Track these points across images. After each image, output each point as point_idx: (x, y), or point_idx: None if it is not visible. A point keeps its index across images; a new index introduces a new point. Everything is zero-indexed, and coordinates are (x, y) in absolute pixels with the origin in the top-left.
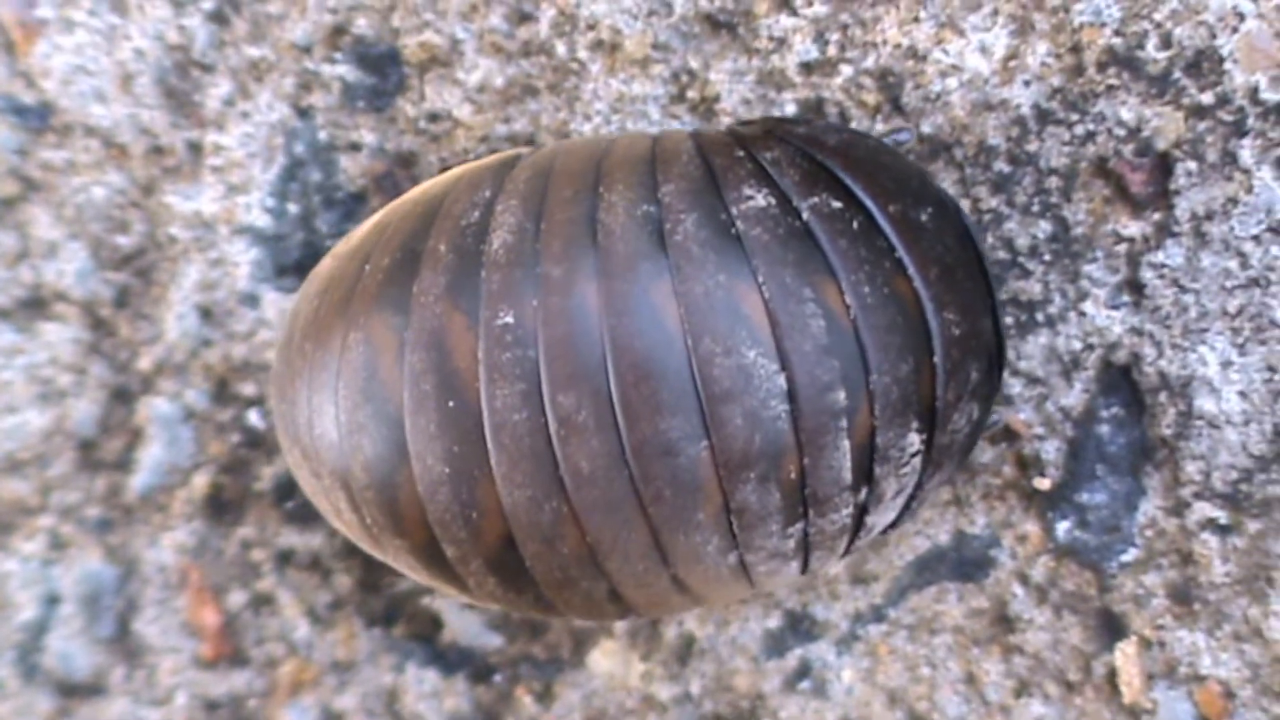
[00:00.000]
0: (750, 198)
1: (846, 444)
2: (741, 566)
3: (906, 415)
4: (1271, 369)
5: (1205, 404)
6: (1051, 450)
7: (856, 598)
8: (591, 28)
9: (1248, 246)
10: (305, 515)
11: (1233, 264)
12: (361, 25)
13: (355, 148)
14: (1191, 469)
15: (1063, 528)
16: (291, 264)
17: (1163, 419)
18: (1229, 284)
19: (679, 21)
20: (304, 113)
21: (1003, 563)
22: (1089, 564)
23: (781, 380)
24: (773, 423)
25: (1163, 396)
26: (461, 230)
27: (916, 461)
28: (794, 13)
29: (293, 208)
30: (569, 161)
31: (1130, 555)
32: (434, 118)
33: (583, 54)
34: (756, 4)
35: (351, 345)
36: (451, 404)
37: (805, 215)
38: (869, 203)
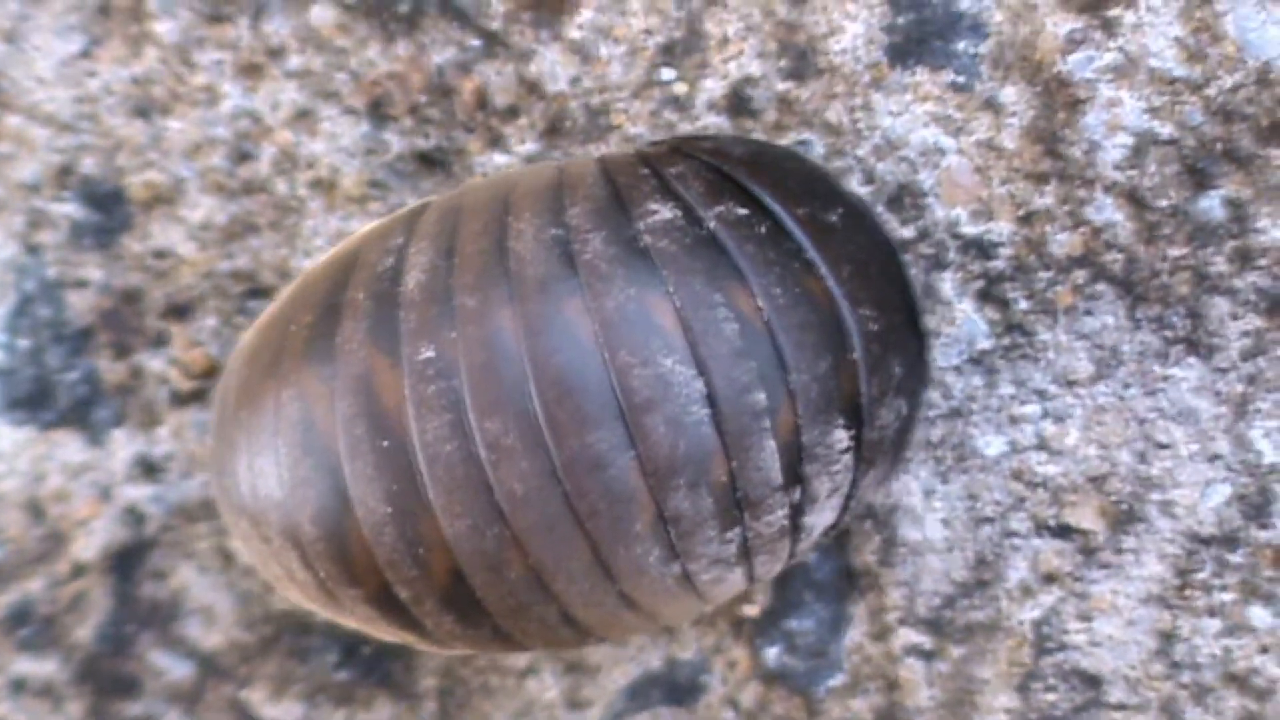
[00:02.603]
0: (655, 212)
1: (772, 444)
2: (685, 577)
3: (830, 412)
4: (973, 497)
5: (909, 532)
6: None
7: None
8: (311, 166)
9: (949, 377)
10: (38, 643)
11: (935, 395)
12: (88, 165)
13: (83, 284)
14: (896, 595)
15: (771, 653)
16: (24, 397)
17: (867, 546)
18: (931, 414)
19: (395, 160)
20: (33, 250)
21: (713, 688)
22: (797, 689)
23: (700, 385)
24: (696, 428)
25: (867, 525)
26: (377, 277)
27: (848, 459)
28: (506, 150)
29: (23, 343)
30: (477, 199)
31: (837, 680)
32: (159, 254)
33: (302, 191)
34: (470, 143)
35: (286, 403)
36: (385, 444)
37: (711, 224)
38: (775, 207)
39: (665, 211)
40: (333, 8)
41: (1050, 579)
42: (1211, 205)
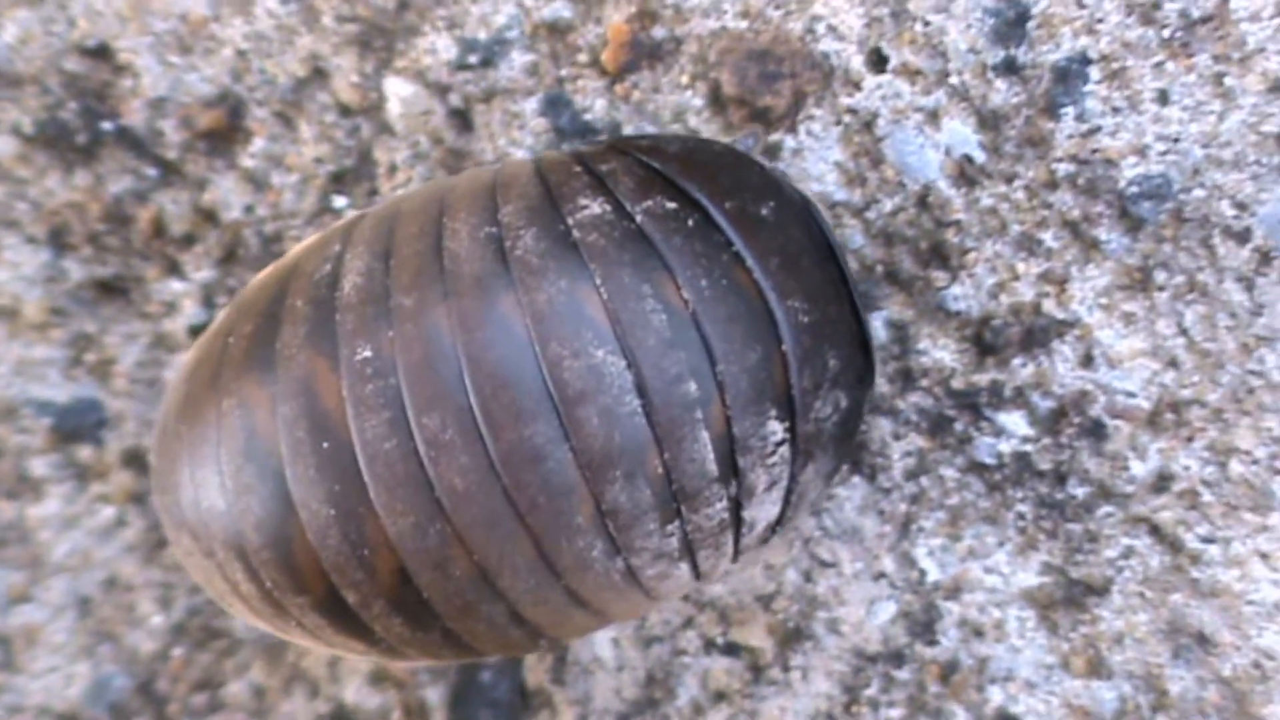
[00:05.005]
0: (585, 207)
1: (705, 435)
2: (630, 572)
3: (762, 404)
4: (642, 616)
5: (581, 651)
6: (436, 696)
7: None
8: None
9: None
10: None
11: None
12: None
13: None
14: (569, 714)
15: None
16: None
17: (541, 665)
18: None
19: (75, 287)
20: None
21: None
22: None
23: (631, 376)
24: (629, 418)
25: (541, 643)
26: (315, 284)
27: (784, 451)
28: (183, 278)
29: None
30: (413, 204)
31: None
32: None
33: None
34: (147, 270)
35: (227, 412)
36: (326, 445)
37: (639, 218)
38: (704, 200)
39: (595, 206)
40: (13, 139)
41: (720, 696)
42: (874, 327)
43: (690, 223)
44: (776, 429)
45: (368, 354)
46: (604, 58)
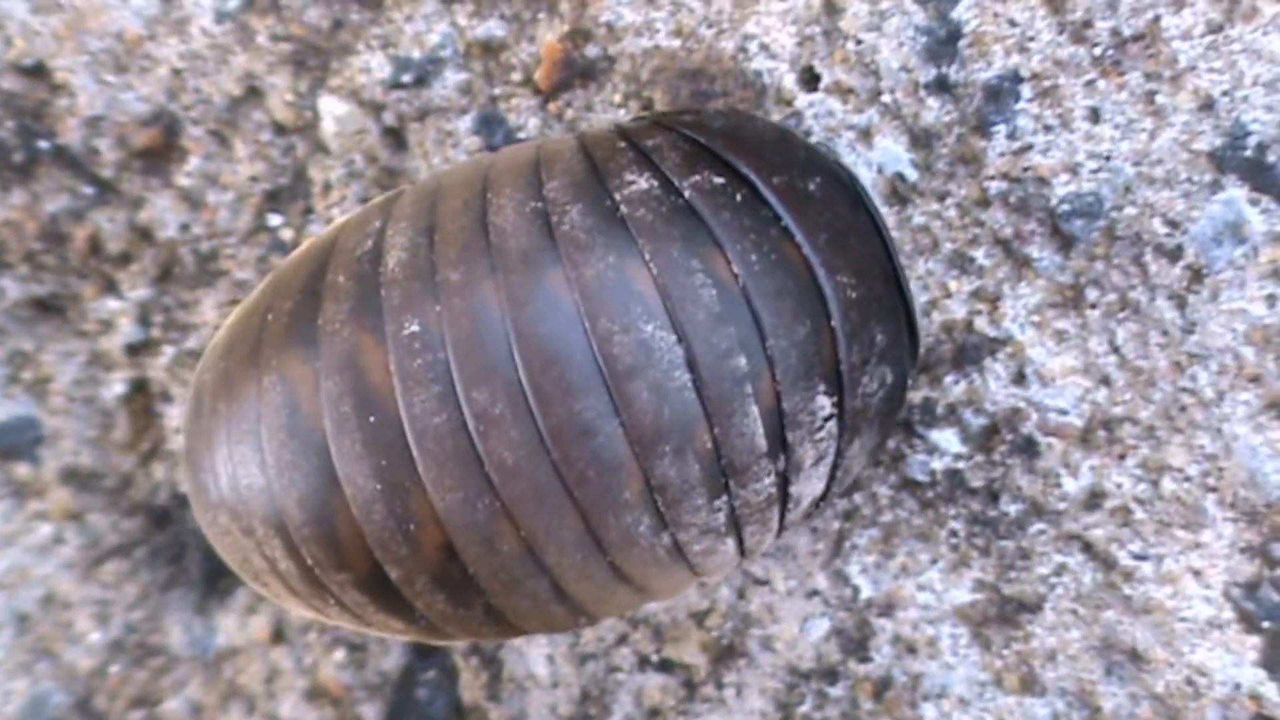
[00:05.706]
0: (632, 182)
1: (754, 409)
2: (676, 548)
3: (811, 379)
4: (576, 633)
5: (515, 667)
6: (372, 713)
7: None
8: None
9: None
10: None
11: None
12: None
13: None
14: None
15: None
16: None
17: (476, 681)
18: None
19: (12, 306)
20: None
21: None
22: None
23: (681, 351)
24: (679, 393)
25: (475, 660)
26: (357, 260)
27: (831, 426)
28: (120, 296)
29: None
30: (455, 179)
31: None
32: None
33: None
34: (84, 289)
35: (268, 388)
36: (373, 419)
37: (687, 193)
38: (751, 175)
39: (642, 182)
40: None
41: (655, 713)
42: None
43: (738, 198)
44: (825, 404)
45: (415, 328)
46: (537, 76)
